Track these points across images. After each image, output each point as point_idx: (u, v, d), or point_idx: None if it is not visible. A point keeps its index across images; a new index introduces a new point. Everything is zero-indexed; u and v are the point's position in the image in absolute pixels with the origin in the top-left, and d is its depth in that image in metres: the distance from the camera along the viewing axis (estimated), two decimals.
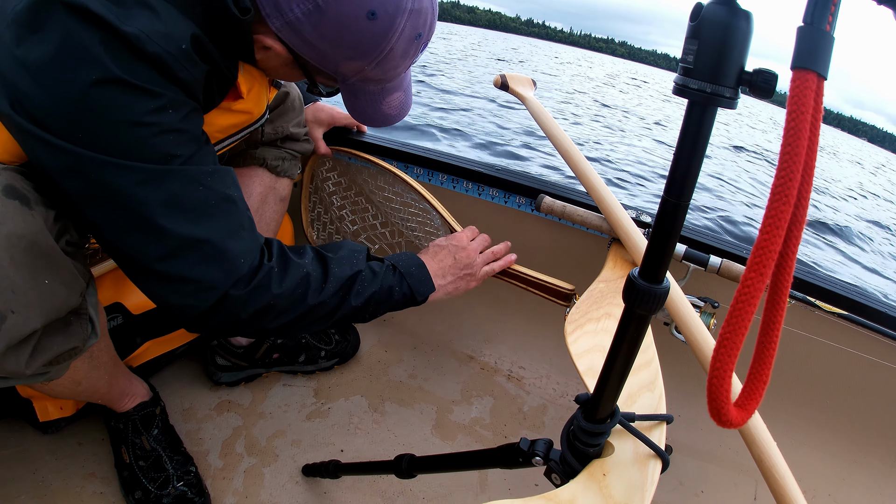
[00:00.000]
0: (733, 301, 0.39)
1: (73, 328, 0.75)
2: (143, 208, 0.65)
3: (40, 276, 0.66)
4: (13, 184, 0.64)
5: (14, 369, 0.68)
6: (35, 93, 0.60)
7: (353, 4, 0.67)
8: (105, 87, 0.61)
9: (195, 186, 0.68)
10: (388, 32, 0.71)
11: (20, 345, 0.67)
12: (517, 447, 0.67)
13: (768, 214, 0.36)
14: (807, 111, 0.34)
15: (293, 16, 0.68)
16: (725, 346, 0.40)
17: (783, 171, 0.35)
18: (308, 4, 0.67)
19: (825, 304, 1.11)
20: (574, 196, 1.28)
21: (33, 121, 0.61)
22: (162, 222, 0.65)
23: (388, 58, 0.74)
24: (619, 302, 0.93)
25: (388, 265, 0.91)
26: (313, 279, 0.78)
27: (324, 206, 1.56)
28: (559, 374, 1.47)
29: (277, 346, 1.31)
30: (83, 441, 1.12)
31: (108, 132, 0.63)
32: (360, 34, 0.70)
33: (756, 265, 0.37)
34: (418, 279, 0.94)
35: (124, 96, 0.62)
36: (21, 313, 0.65)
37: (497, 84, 1.34)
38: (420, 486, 1.14)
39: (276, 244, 0.79)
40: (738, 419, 0.42)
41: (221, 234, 0.70)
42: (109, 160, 0.63)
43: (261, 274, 0.73)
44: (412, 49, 0.76)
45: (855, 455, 1.25)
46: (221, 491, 1.08)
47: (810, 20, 0.34)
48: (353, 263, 0.84)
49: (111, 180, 0.63)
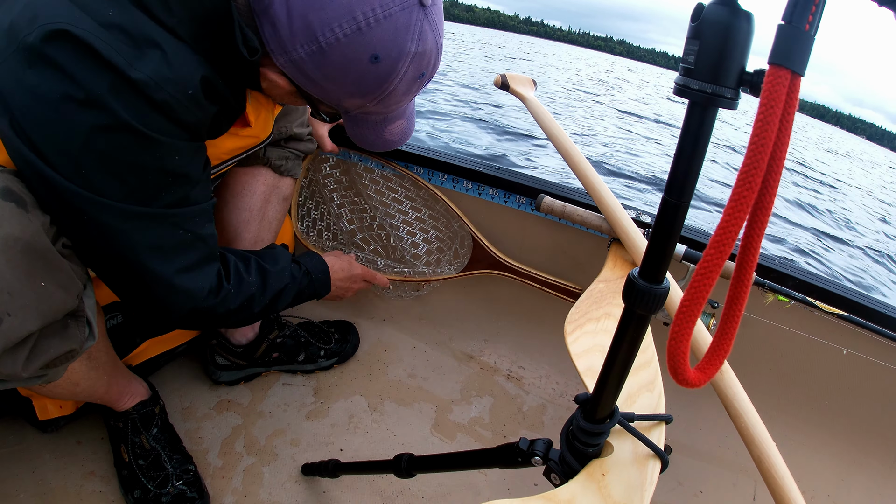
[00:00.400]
0: (694, 273, 0.42)
1: (70, 330, 0.75)
2: (130, 251, 0.71)
3: (37, 278, 0.66)
4: (10, 186, 0.64)
5: (10, 372, 0.68)
6: (39, 124, 0.61)
7: (356, 48, 0.67)
8: (111, 132, 0.62)
9: (177, 230, 0.74)
10: (391, 75, 0.71)
11: (16, 347, 0.67)
12: (516, 447, 0.67)
13: (732, 198, 0.39)
14: (777, 105, 0.36)
15: (297, 55, 0.68)
16: (684, 313, 0.43)
17: (750, 160, 0.37)
18: (311, 45, 0.66)
19: (825, 304, 1.11)
20: (574, 196, 1.28)
21: (34, 150, 0.62)
22: (144, 261, 0.73)
23: (390, 96, 0.74)
24: (618, 302, 0.93)
25: (303, 271, 1.05)
26: (256, 295, 0.91)
27: (315, 201, 1.57)
28: (558, 373, 1.48)
29: (277, 346, 1.31)
30: (82, 440, 1.12)
31: (110, 175, 0.65)
32: (363, 76, 0.70)
33: (716, 243, 0.40)
34: (322, 283, 1.10)
35: (130, 141, 0.64)
36: (17, 316, 0.65)
37: (497, 84, 1.34)
38: (419, 485, 1.14)
39: (233, 265, 0.89)
40: (696, 379, 0.47)
41: (191, 267, 0.78)
42: (107, 202, 0.66)
43: (221, 294, 0.84)
44: (415, 87, 0.76)
45: (854, 456, 1.25)
46: (220, 490, 1.08)
47: (789, 19, 0.34)
48: (284, 277, 0.98)
49: (106, 220, 0.68)
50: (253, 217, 1.20)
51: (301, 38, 0.66)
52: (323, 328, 1.41)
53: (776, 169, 0.39)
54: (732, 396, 0.80)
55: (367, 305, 1.61)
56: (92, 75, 0.60)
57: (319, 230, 1.58)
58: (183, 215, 0.74)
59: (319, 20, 0.65)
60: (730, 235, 0.40)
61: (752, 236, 0.42)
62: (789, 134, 0.38)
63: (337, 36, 0.65)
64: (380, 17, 0.65)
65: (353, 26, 0.65)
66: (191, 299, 0.79)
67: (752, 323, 1.21)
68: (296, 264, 1.05)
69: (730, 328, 0.46)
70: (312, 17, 0.65)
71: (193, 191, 0.75)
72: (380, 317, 1.59)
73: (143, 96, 0.62)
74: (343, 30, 0.65)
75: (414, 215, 1.46)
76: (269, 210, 1.23)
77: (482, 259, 1.32)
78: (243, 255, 0.93)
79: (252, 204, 1.19)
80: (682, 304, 0.43)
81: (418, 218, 1.46)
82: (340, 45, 0.66)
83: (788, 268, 1.17)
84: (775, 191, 0.40)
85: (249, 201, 1.19)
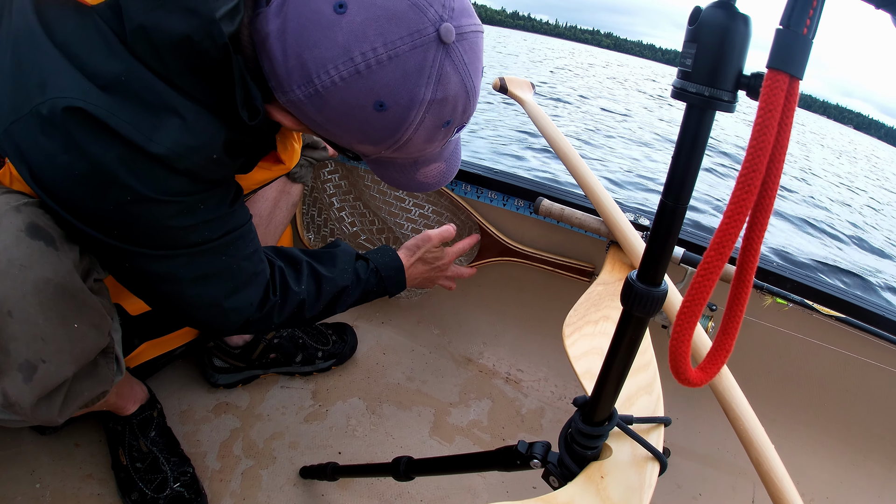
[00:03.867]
0: (695, 274, 0.42)
1: (100, 370, 0.75)
2: (177, 284, 0.70)
3: (70, 320, 0.65)
4: (35, 221, 0.62)
5: (47, 418, 0.67)
6: (62, 191, 0.60)
7: (356, 94, 0.58)
8: (136, 205, 0.61)
9: (220, 257, 0.73)
10: (402, 124, 0.61)
11: (52, 394, 0.67)
12: (515, 450, 0.67)
13: (732, 201, 0.39)
14: (776, 109, 0.36)
15: (294, 96, 0.61)
16: (686, 313, 0.44)
17: (749, 163, 0.38)
18: (308, 88, 0.59)
19: (822, 307, 1.11)
20: (572, 199, 1.28)
21: (60, 205, 0.61)
22: (192, 292, 0.72)
23: (407, 145, 0.65)
24: (617, 305, 0.93)
25: (372, 269, 1.00)
26: (308, 302, 0.88)
27: (318, 207, 1.57)
28: (557, 376, 1.48)
29: (274, 347, 1.31)
30: (80, 442, 1.12)
31: (143, 235, 0.65)
32: (369, 124, 0.62)
33: (717, 245, 0.40)
34: (395, 281, 1.04)
35: (157, 209, 0.63)
36: (52, 362, 0.64)
37: (496, 87, 1.35)
38: (418, 488, 1.13)
39: (279, 273, 0.85)
40: (697, 379, 0.47)
41: (240, 287, 0.77)
42: (146, 252, 0.66)
43: (267, 307, 0.82)
44: (439, 135, 0.66)
45: (853, 458, 1.25)
46: (219, 493, 1.07)
47: (787, 23, 0.35)
48: (343, 279, 0.93)
49: (147, 266, 0.68)
50: (261, 222, 1.20)
51: (297, 78, 0.59)
52: (320, 329, 1.41)
53: (775, 172, 0.39)
54: (731, 399, 0.80)
55: (366, 308, 1.60)
56: (110, 154, 0.57)
57: (324, 236, 1.58)
58: (223, 244, 0.72)
59: (314, 60, 0.57)
60: (730, 238, 0.40)
61: (751, 238, 0.42)
62: (788, 137, 0.38)
63: (333, 79, 0.58)
64: (382, 58, 0.56)
65: (349, 69, 0.57)
66: (241, 315, 0.79)
67: (751, 325, 1.21)
68: (363, 261, 1.00)
69: (731, 327, 0.46)
70: (307, 56, 0.57)
71: (229, 223, 0.73)
72: (378, 319, 1.59)
73: (165, 167, 0.60)
74: (339, 72, 0.57)
75: (418, 212, 1.45)
76: (277, 215, 1.23)
77: (492, 247, 1.31)
78: (294, 260, 0.89)
79: (262, 209, 1.19)
80: (683, 303, 0.43)
81: (422, 214, 1.46)
82: (338, 90, 0.58)
83: (786, 270, 1.17)
84: (775, 193, 0.40)
85: (261, 207, 1.19)
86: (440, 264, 1.17)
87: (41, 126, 0.56)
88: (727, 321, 0.46)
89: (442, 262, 1.17)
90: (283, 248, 0.92)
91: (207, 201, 0.68)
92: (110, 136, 0.57)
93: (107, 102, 0.56)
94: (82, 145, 0.57)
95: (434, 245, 1.14)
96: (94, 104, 0.56)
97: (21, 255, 0.60)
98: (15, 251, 0.59)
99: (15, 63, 0.58)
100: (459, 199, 1.37)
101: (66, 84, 0.56)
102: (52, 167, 0.58)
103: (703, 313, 1.00)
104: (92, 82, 0.56)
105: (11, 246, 0.59)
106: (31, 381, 0.63)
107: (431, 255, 1.14)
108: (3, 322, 0.60)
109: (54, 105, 0.55)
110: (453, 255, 1.20)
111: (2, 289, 0.59)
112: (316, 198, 1.56)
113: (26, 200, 0.63)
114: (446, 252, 1.18)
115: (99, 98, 0.56)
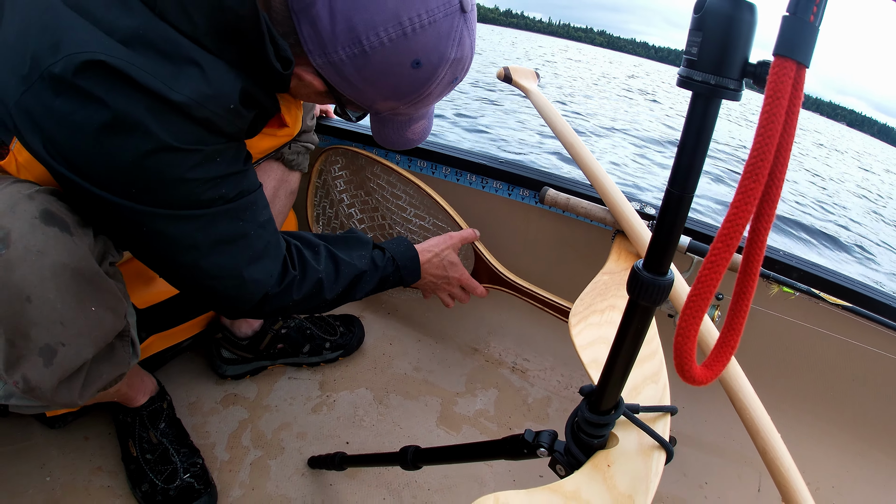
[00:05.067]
0: (701, 267, 0.41)
1: (117, 353, 0.76)
2: (196, 251, 0.70)
3: (87, 304, 0.66)
4: (49, 208, 0.63)
5: (68, 401, 0.68)
6: (78, 152, 0.60)
7: (400, 53, 0.66)
8: (156, 154, 0.61)
9: (237, 221, 0.73)
10: (430, 80, 0.71)
11: (72, 377, 0.68)
12: (522, 439, 0.68)
13: (739, 191, 0.38)
14: (783, 97, 0.36)
15: (336, 57, 0.67)
16: (691, 308, 0.43)
17: (756, 152, 0.37)
18: (354, 48, 0.65)
19: (830, 296, 1.11)
20: (578, 188, 1.28)
21: (76, 172, 0.61)
22: (212, 258, 0.72)
23: (425, 99, 0.74)
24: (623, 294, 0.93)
25: (388, 257, 1.02)
26: (326, 281, 0.88)
27: (329, 201, 1.57)
28: (563, 365, 1.48)
29: (281, 337, 1.32)
30: (90, 435, 1.13)
31: (160, 190, 0.64)
32: (402, 80, 0.70)
33: (724, 237, 0.40)
34: (411, 270, 1.08)
35: (176, 159, 0.63)
36: (72, 345, 0.65)
37: (500, 76, 1.34)
38: (425, 477, 1.14)
39: (296, 251, 0.86)
40: (703, 377, 0.46)
41: (256, 255, 0.77)
42: (163, 212, 0.65)
43: (286, 281, 0.82)
44: (447, 91, 0.76)
45: (859, 447, 1.25)
46: (228, 483, 1.09)
47: (794, 10, 0.34)
48: (361, 263, 0.95)
49: (164, 229, 0.67)
50: None
51: (343, 39, 0.65)
52: (328, 320, 1.42)
53: (782, 161, 0.39)
54: (737, 388, 0.80)
55: (372, 299, 1.61)
56: (130, 102, 0.58)
57: (333, 230, 1.58)
58: (238, 207, 0.73)
59: (364, 23, 0.63)
60: (737, 229, 0.39)
61: (758, 229, 0.42)
62: (795, 125, 0.38)
63: (382, 40, 0.64)
64: (425, 22, 0.65)
65: (398, 31, 0.64)
66: (261, 287, 0.78)
67: (757, 314, 1.21)
68: (379, 250, 1.03)
69: (737, 323, 0.45)
70: (357, 20, 0.63)
71: (243, 182, 0.74)
72: (385, 310, 1.60)
73: (184, 115, 0.61)
74: (388, 34, 0.64)
75: (418, 223, 1.45)
76: (277, 204, 1.23)
77: (483, 272, 1.31)
78: (310, 242, 0.91)
79: None
80: (688, 299, 0.43)
81: (422, 227, 1.45)
82: (384, 50, 0.65)
83: (793, 259, 1.16)
84: (781, 183, 0.40)
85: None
86: (453, 274, 1.18)
87: (54, 87, 0.57)
88: (732, 315, 0.46)
89: (456, 272, 1.19)
90: (296, 232, 0.93)
91: (223, 154, 0.69)
92: (132, 86, 0.58)
93: (126, 54, 0.57)
94: (102, 97, 0.57)
95: (454, 245, 1.17)
96: (115, 56, 0.56)
97: (37, 242, 0.61)
98: (31, 238, 0.61)
99: (22, 32, 0.59)
100: (457, 218, 1.34)
101: (82, 39, 0.56)
102: (69, 127, 0.58)
103: None
104: (110, 37, 0.57)
105: (27, 233, 0.61)
106: (51, 364, 0.64)
107: (448, 260, 1.17)
108: (23, 307, 0.61)
109: (69, 62, 0.55)
110: (467, 275, 1.22)
111: (20, 275, 0.60)
112: (326, 184, 1.56)
113: (38, 188, 0.64)
114: (463, 267, 1.20)
115: (118, 50, 0.57)
